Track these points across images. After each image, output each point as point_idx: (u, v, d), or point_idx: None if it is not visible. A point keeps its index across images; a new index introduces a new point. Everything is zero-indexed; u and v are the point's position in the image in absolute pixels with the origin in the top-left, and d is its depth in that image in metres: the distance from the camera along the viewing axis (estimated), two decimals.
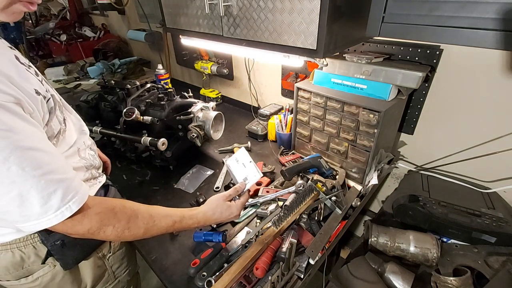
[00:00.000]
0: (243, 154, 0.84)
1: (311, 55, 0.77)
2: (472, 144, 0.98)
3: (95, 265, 0.79)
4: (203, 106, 1.20)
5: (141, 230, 0.62)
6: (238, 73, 1.70)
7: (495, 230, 0.75)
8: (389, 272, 0.72)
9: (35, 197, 0.48)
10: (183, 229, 0.74)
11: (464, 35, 0.54)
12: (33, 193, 0.48)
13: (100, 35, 2.82)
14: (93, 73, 2.27)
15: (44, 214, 0.50)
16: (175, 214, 0.69)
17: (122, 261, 0.88)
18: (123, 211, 0.60)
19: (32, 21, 2.98)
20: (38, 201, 0.48)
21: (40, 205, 0.49)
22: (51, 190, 0.49)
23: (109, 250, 0.82)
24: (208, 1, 0.91)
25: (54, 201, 0.50)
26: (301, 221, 0.88)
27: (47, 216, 0.50)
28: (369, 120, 0.91)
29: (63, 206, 0.51)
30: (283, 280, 0.70)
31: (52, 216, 0.50)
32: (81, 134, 0.74)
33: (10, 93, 0.47)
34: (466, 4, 0.52)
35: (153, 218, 0.64)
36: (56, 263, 0.71)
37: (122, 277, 0.90)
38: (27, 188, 0.47)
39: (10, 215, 0.49)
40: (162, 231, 0.66)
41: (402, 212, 0.86)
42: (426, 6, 0.57)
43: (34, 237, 0.65)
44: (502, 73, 0.83)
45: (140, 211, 0.63)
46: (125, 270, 0.90)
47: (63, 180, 0.52)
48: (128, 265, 0.92)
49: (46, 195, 0.49)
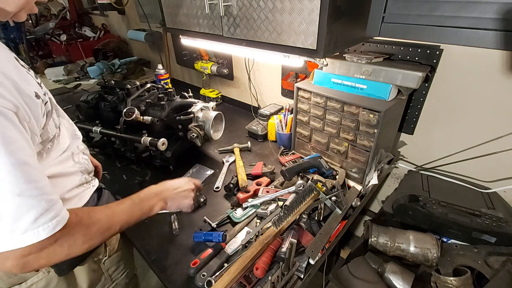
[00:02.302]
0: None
1: (311, 55, 0.77)
2: (472, 144, 0.98)
3: (90, 269, 0.78)
4: (203, 106, 1.20)
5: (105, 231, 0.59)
6: (238, 73, 1.70)
7: (495, 230, 0.75)
8: (389, 272, 0.72)
9: (7, 213, 0.45)
10: (143, 202, 0.71)
11: (464, 35, 0.54)
12: (6, 209, 0.45)
13: (100, 35, 2.82)
14: (93, 73, 2.27)
15: (10, 233, 0.45)
16: (129, 197, 0.69)
17: (119, 264, 0.87)
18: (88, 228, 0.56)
19: (32, 21, 2.98)
20: (9, 218, 0.45)
21: (9, 222, 0.45)
22: (23, 210, 0.46)
23: (104, 254, 0.81)
24: (208, 1, 0.91)
25: (23, 222, 0.46)
26: (301, 221, 0.88)
27: (12, 237, 0.45)
28: (369, 120, 0.91)
29: (32, 229, 0.46)
30: (283, 280, 0.70)
31: (17, 237, 0.46)
32: (74, 138, 0.74)
33: (10, 100, 0.46)
34: (466, 4, 0.52)
35: (112, 213, 0.62)
36: (50, 269, 0.70)
37: (119, 280, 0.89)
38: (0, 202, 0.44)
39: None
40: (125, 218, 0.65)
41: (402, 212, 0.86)
42: (426, 6, 0.57)
43: None
44: (502, 73, 0.83)
45: (98, 216, 0.60)
46: (122, 273, 0.90)
47: (41, 201, 0.48)
48: (125, 267, 0.91)
49: (18, 214, 0.45)
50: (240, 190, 1.03)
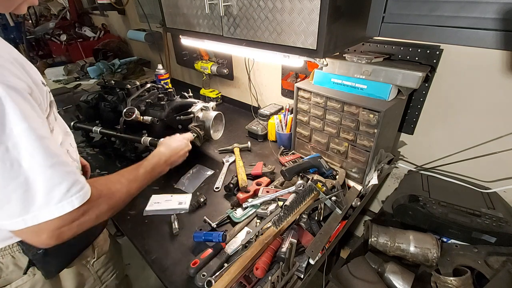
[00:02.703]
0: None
1: (311, 55, 0.77)
2: (472, 144, 0.98)
3: (77, 271, 0.78)
4: (203, 106, 1.20)
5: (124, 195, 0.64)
6: (238, 73, 1.70)
7: (495, 230, 0.75)
8: (389, 272, 0.72)
9: (41, 185, 0.47)
10: (154, 170, 0.78)
11: (464, 35, 0.54)
12: (39, 181, 0.47)
13: (100, 35, 2.82)
14: (93, 73, 2.27)
15: (46, 205, 0.48)
16: (138, 165, 0.74)
17: (107, 265, 0.87)
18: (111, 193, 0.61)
19: (32, 21, 2.98)
20: (43, 190, 0.47)
21: (44, 194, 0.47)
22: (56, 181, 0.49)
23: (92, 256, 0.81)
24: (208, 1, 0.91)
25: (57, 193, 0.49)
26: (301, 221, 0.88)
27: (48, 208, 0.48)
28: (369, 120, 0.91)
29: (65, 199, 0.49)
30: (283, 280, 0.70)
31: (53, 208, 0.48)
32: (66, 135, 0.74)
33: (25, 81, 0.48)
34: (466, 4, 0.52)
35: (128, 183, 0.66)
36: (36, 272, 0.69)
37: (109, 281, 0.89)
38: (34, 176, 0.46)
39: (10, 205, 0.46)
40: (140, 185, 0.70)
41: (402, 212, 0.86)
42: (426, 6, 0.57)
43: (12, 247, 0.64)
44: (502, 73, 0.83)
45: (117, 187, 0.63)
46: (111, 274, 0.90)
47: (69, 173, 0.51)
48: (115, 269, 0.91)
49: (51, 186, 0.48)
50: (240, 190, 1.03)
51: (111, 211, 0.60)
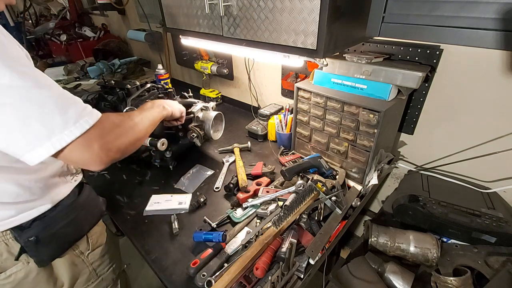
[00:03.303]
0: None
1: (311, 55, 0.77)
2: (472, 144, 0.98)
3: (72, 262, 0.78)
4: (203, 106, 1.20)
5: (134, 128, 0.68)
6: (238, 73, 1.70)
7: (495, 230, 0.75)
8: (389, 272, 0.72)
9: (53, 107, 0.50)
10: (156, 116, 0.82)
11: (464, 35, 0.54)
12: (50, 103, 0.50)
13: (100, 35, 2.82)
14: (93, 73, 2.26)
15: (65, 126, 0.50)
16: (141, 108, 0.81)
17: (104, 258, 0.87)
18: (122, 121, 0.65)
19: (32, 21, 2.98)
20: (57, 110, 0.50)
21: (60, 114, 0.50)
22: (66, 104, 0.52)
23: (87, 248, 0.81)
24: (208, 1, 0.91)
25: (72, 113, 0.52)
26: (301, 221, 0.88)
27: (68, 128, 0.51)
28: (369, 120, 0.91)
29: (81, 118, 0.53)
30: (283, 280, 0.70)
31: (72, 128, 0.51)
32: None
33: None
34: (466, 4, 0.52)
35: (135, 117, 0.71)
36: (30, 260, 0.70)
37: (105, 275, 0.89)
38: (43, 99, 0.49)
39: (32, 129, 0.49)
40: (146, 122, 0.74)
41: (402, 212, 0.86)
42: (426, 6, 0.57)
43: (6, 235, 0.65)
44: (502, 73, 0.83)
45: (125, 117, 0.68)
46: (108, 267, 0.89)
47: (76, 101, 0.54)
48: (111, 262, 0.90)
49: (63, 107, 0.51)
50: (240, 190, 1.03)
51: (126, 136, 0.64)
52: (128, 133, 0.65)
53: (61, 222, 0.72)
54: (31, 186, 0.65)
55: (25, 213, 0.66)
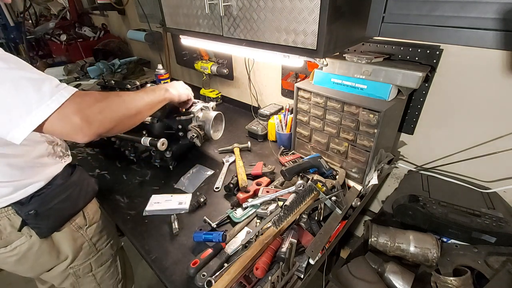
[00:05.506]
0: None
1: (311, 55, 0.77)
2: (472, 144, 0.98)
3: (72, 236, 0.84)
4: (203, 106, 1.20)
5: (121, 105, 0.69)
6: (238, 73, 1.70)
7: (495, 230, 0.75)
8: (389, 272, 0.72)
9: (27, 84, 0.53)
10: (154, 98, 0.83)
11: (464, 35, 0.54)
12: (23, 81, 0.53)
13: (100, 35, 2.82)
14: (93, 73, 2.27)
15: (41, 100, 0.53)
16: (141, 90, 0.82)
17: (101, 234, 0.93)
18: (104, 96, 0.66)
19: (32, 21, 2.98)
20: (32, 87, 0.53)
21: (34, 91, 0.53)
22: (39, 81, 0.55)
23: (84, 223, 0.87)
24: (208, 1, 0.91)
25: (46, 88, 0.55)
26: (301, 221, 0.88)
27: (45, 102, 0.54)
28: (369, 120, 0.91)
29: (57, 92, 0.55)
30: (283, 280, 0.70)
31: (49, 101, 0.54)
32: None
33: None
34: (466, 4, 0.52)
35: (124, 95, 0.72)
36: (32, 233, 0.76)
37: (104, 250, 0.95)
38: (19, 79, 0.53)
39: (12, 108, 0.52)
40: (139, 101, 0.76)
41: (402, 212, 0.86)
42: (426, 6, 0.57)
43: (8, 210, 0.72)
44: (502, 73, 0.83)
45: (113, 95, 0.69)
46: (106, 243, 0.95)
47: (51, 79, 0.57)
48: (109, 238, 0.96)
49: (36, 84, 0.54)
50: (240, 190, 1.03)
51: (110, 111, 0.64)
52: (113, 108, 0.66)
53: (57, 198, 0.78)
54: (23, 166, 0.71)
55: (22, 190, 0.72)
